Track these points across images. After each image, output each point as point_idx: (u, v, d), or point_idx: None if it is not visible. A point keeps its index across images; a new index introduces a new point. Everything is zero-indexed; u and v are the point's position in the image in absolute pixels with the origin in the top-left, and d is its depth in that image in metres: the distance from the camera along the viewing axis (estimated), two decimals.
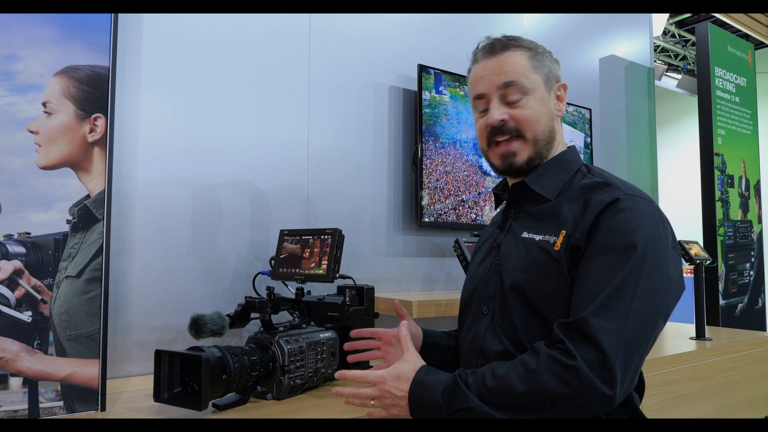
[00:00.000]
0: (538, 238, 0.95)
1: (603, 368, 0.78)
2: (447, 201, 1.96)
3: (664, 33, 6.05)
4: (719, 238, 3.05)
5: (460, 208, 2.01)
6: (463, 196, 2.02)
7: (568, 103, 2.39)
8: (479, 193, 2.07)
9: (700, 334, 1.88)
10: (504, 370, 0.84)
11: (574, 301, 0.86)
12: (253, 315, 1.25)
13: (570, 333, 0.82)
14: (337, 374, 0.97)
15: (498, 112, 0.99)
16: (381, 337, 1.14)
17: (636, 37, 2.98)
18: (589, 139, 2.48)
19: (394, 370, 0.93)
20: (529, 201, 1.02)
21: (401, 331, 1.00)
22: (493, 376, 0.85)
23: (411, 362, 0.94)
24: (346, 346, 1.14)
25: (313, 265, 1.33)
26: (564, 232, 0.91)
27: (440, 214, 1.94)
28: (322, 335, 1.26)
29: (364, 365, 1.34)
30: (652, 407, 1.49)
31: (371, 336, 1.15)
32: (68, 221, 1.03)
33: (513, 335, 0.95)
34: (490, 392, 0.83)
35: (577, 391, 0.78)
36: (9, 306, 0.97)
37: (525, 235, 0.98)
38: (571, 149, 1.06)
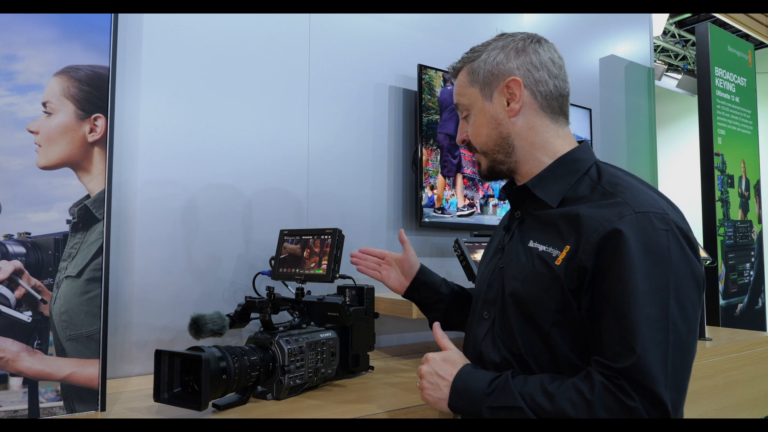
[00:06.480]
0: (541, 248, 0.90)
1: (661, 413, 0.75)
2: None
3: (664, 33, 6.05)
4: (719, 238, 3.05)
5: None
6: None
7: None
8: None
9: (700, 334, 1.88)
10: (554, 388, 0.82)
11: (607, 337, 0.80)
12: (253, 315, 1.25)
13: (625, 378, 0.77)
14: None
15: (459, 134, 1.05)
16: (385, 257, 1.27)
17: (636, 37, 2.98)
18: None
19: (445, 354, 0.98)
20: (533, 204, 0.97)
21: (436, 332, 1.04)
22: (542, 390, 0.82)
23: (459, 354, 0.98)
24: (353, 260, 1.29)
25: (313, 265, 1.33)
26: (568, 247, 0.85)
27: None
28: (322, 335, 1.26)
29: None
30: None
31: (379, 256, 1.28)
32: (68, 221, 1.03)
33: (512, 347, 0.92)
34: (538, 405, 0.81)
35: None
36: (9, 306, 0.97)
37: (531, 243, 0.93)
38: (583, 146, 0.97)
